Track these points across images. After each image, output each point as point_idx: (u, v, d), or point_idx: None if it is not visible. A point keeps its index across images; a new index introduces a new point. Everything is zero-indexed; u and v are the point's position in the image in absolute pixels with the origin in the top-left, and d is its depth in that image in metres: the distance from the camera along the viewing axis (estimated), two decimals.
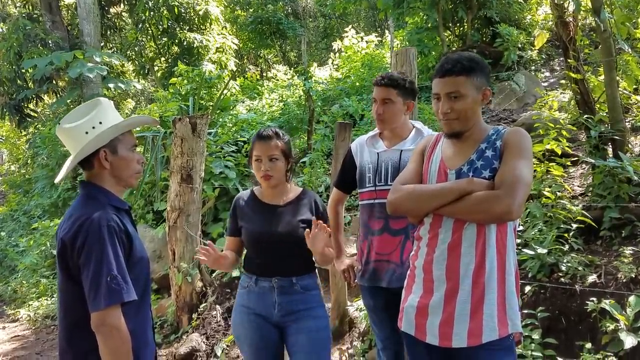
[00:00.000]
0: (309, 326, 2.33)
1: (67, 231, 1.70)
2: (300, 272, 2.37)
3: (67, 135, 1.81)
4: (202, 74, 8.69)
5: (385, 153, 2.59)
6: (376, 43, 12.33)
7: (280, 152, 2.35)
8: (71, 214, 1.76)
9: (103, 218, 1.71)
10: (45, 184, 9.94)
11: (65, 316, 1.77)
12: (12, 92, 12.54)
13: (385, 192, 2.31)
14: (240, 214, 2.44)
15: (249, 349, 2.37)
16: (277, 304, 2.33)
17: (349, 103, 8.57)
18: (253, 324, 2.35)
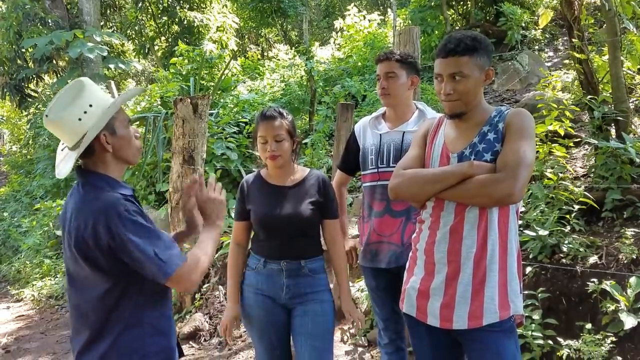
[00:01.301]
0: (315, 309, 2.34)
1: (84, 228, 1.62)
2: (309, 255, 2.37)
3: (58, 125, 1.66)
4: (203, 53, 8.63)
5: (387, 135, 2.58)
6: (378, 22, 12.21)
7: (286, 132, 2.33)
8: (79, 207, 1.67)
9: (117, 204, 1.64)
10: (47, 165, 9.92)
11: (97, 306, 1.68)
12: (13, 72, 12.49)
13: (387, 174, 2.33)
14: (247, 196, 2.42)
15: (257, 329, 2.39)
16: (286, 286, 2.34)
17: (351, 83, 8.52)
18: (261, 304, 2.36)
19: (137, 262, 1.63)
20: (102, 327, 1.69)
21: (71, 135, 1.67)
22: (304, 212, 2.32)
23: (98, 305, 1.68)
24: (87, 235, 1.61)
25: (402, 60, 2.55)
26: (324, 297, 2.38)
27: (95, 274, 1.66)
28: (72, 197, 1.74)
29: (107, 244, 1.61)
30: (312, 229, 2.38)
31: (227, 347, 4.26)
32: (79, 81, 1.73)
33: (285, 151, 2.33)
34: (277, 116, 2.34)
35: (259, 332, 2.39)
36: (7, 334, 5.27)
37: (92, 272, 1.66)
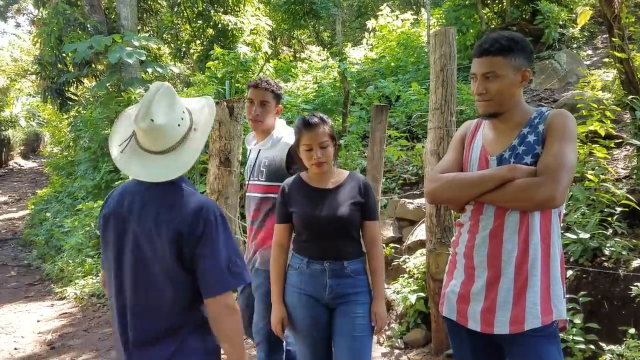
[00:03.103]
0: (356, 310, 2.36)
1: (185, 221, 1.66)
2: (351, 256, 2.39)
3: (163, 129, 1.70)
4: (238, 56, 8.73)
5: (254, 149, 2.95)
6: (412, 21, 12.12)
7: (329, 137, 2.38)
8: (179, 203, 1.70)
9: (214, 204, 1.74)
10: (88, 167, 10.19)
11: (174, 303, 1.72)
12: (54, 76, 12.86)
13: (250, 187, 2.88)
14: (289, 199, 2.46)
15: (300, 329, 2.42)
16: (329, 287, 2.36)
17: (384, 84, 8.48)
18: (304, 304, 2.39)
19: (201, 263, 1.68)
20: (174, 327, 1.72)
21: (170, 139, 1.72)
22: (345, 213, 2.35)
23: (174, 305, 1.72)
24: (185, 227, 1.66)
25: (274, 92, 2.82)
26: (365, 298, 2.40)
27: (180, 272, 1.69)
28: (148, 194, 1.74)
29: (197, 239, 1.67)
30: (354, 229, 2.40)
31: None
32: (169, 87, 1.77)
33: (330, 157, 2.39)
34: (320, 123, 2.37)
35: (301, 332, 2.42)
36: (52, 331, 5.43)
37: (177, 269, 1.69)
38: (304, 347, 2.44)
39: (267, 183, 2.78)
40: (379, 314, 2.40)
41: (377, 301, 2.41)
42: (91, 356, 4.63)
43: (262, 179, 2.79)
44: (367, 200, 2.41)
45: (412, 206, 5.01)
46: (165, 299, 1.71)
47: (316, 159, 2.35)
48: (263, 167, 2.79)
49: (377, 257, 2.45)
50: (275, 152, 2.78)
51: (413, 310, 3.90)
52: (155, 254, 1.69)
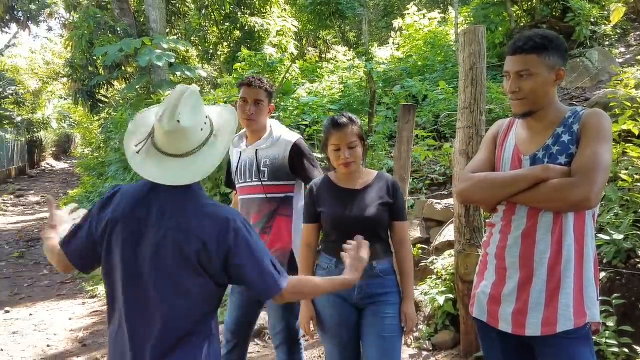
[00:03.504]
0: (385, 311, 2.34)
1: (207, 230, 1.64)
2: (380, 256, 2.37)
3: (188, 131, 1.66)
4: (265, 58, 8.79)
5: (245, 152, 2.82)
6: (439, 20, 12.02)
7: (358, 138, 2.36)
8: (204, 213, 1.68)
9: (238, 213, 1.74)
10: (119, 168, 10.37)
11: (190, 313, 1.70)
12: (85, 79, 13.18)
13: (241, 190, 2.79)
14: (318, 200, 2.46)
15: (328, 329, 2.42)
16: (357, 287, 2.33)
17: (411, 84, 8.43)
18: (333, 304, 2.39)
19: (248, 272, 1.68)
20: (184, 336, 1.70)
21: (192, 142, 1.68)
22: (374, 214, 2.34)
23: (188, 316, 1.69)
24: (210, 238, 1.64)
25: (267, 90, 2.73)
26: (395, 298, 2.38)
27: (197, 282, 1.66)
28: (168, 201, 1.69)
29: (226, 251, 1.65)
30: (383, 230, 2.39)
31: None
32: (195, 90, 1.73)
33: (358, 157, 2.37)
34: (348, 123, 2.36)
35: (330, 331, 2.42)
36: (83, 329, 5.54)
37: (197, 279, 1.66)
38: (332, 347, 2.44)
39: (270, 183, 2.71)
40: (408, 314, 2.37)
41: (406, 302, 2.39)
42: None
43: (263, 179, 2.71)
44: (396, 200, 2.40)
45: (440, 206, 4.96)
46: (181, 308, 1.68)
47: (344, 159, 2.34)
48: (264, 166, 2.71)
49: (406, 258, 2.44)
50: (277, 151, 2.72)
51: (441, 312, 3.86)
52: (175, 263, 1.65)
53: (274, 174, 2.70)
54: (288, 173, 2.71)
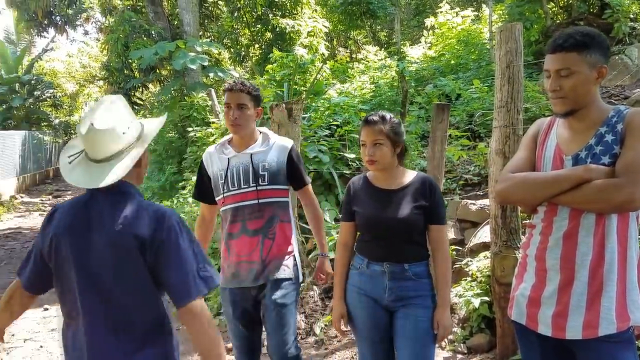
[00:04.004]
0: (417, 314, 2.31)
1: (145, 228, 1.66)
2: (413, 259, 2.33)
3: (105, 134, 1.69)
4: (296, 59, 8.81)
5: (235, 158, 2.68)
6: (472, 18, 11.86)
7: (385, 137, 2.31)
8: (137, 212, 1.70)
9: (174, 212, 1.74)
10: (154, 169, 10.58)
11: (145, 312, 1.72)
12: (120, 82, 13.46)
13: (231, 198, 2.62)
14: (353, 198, 2.45)
15: (359, 329, 2.41)
16: (388, 289, 2.32)
17: (444, 82, 8.33)
18: (364, 304, 2.38)
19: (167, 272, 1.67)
20: (146, 337, 1.72)
21: (111, 146, 1.71)
22: (408, 216, 2.29)
23: (143, 314, 1.71)
24: (147, 234, 1.66)
25: (250, 93, 2.62)
26: (428, 302, 2.33)
27: (144, 280, 1.69)
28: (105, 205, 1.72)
29: (157, 247, 1.66)
30: (417, 232, 2.34)
31: (324, 346, 4.32)
32: (119, 97, 1.80)
33: (382, 156, 2.32)
34: (377, 121, 2.34)
35: (361, 332, 2.41)
36: None
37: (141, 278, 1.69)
38: (364, 348, 2.43)
39: (267, 187, 2.62)
40: (441, 322, 2.30)
41: (440, 309, 2.32)
42: None
43: (262, 184, 2.61)
44: (433, 203, 2.34)
45: (474, 207, 4.88)
46: (134, 308, 1.70)
47: (368, 155, 2.33)
48: (263, 170, 2.62)
49: (442, 263, 2.36)
50: (275, 155, 2.66)
51: (476, 314, 3.80)
52: (119, 264, 1.67)
53: (274, 178, 2.64)
54: (285, 177, 2.68)
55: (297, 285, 2.70)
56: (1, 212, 14.57)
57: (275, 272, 2.60)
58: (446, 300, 2.33)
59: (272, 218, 2.63)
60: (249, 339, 2.70)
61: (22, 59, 22.17)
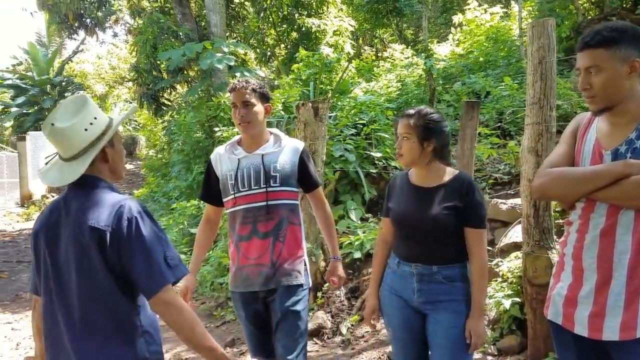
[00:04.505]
0: (447, 319, 2.22)
1: (104, 221, 1.66)
2: (444, 261, 2.24)
3: (65, 134, 1.71)
4: (322, 58, 8.81)
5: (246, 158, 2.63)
6: (501, 15, 11.69)
7: (413, 131, 2.24)
8: (98, 205, 1.71)
9: (136, 202, 1.74)
10: (181, 168, 10.71)
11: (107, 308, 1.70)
12: (149, 83, 13.65)
13: (243, 198, 2.56)
14: (390, 194, 2.41)
15: (393, 328, 2.39)
16: (417, 290, 2.27)
17: (473, 80, 8.22)
18: (395, 304, 2.35)
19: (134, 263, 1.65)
20: (110, 335, 1.70)
21: (75, 143, 1.73)
22: (437, 216, 2.21)
23: (106, 310, 1.69)
24: (104, 227, 1.65)
25: (255, 90, 2.57)
26: (461, 307, 2.23)
27: (104, 275, 1.67)
28: (74, 201, 1.75)
29: (118, 239, 1.65)
30: (449, 234, 2.24)
31: (351, 346, 4.30)
32: (82, 96, 1.81)
33: (408, 150, 2.26)
34: (409, 114, 2.28)
35: (393, 331, 2.39)
36: None
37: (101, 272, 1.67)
38: (396, 347, 2.41)
39: (278, 189, 2.56)
40: (474, 330, 2.19)
41: (472, 317, 2.21)
42: (185, 348, 4.83)
43: (274, 185, 2.55)
44: (468, 204, 2.22)
45: (505, 207, 4.80)
46: (96, 304, 1.69)
47: (397, 148, 2.30)
48: (275, 171, 2.56)
49: (476, 269, 2.24)
50: (287, 156, 2.61)
51: (507, 315, 3.73)
52: (81, 258, 1.68)
53: (285, 180, 2.58)
54: (296, 179, 2.63)
55: (307, 291, 2.66)
56: (33, 211, 14.96)
57: (286, 278, 2.55)
58: (480, 307, 2.22)
59: (282, 220, 2.57)
60: (264, 341, 2.64)
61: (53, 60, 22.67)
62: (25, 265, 9.01)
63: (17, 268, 8.99)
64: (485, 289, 2.26)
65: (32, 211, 14.97)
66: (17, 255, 9.98)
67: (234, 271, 2.64)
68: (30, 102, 21.48)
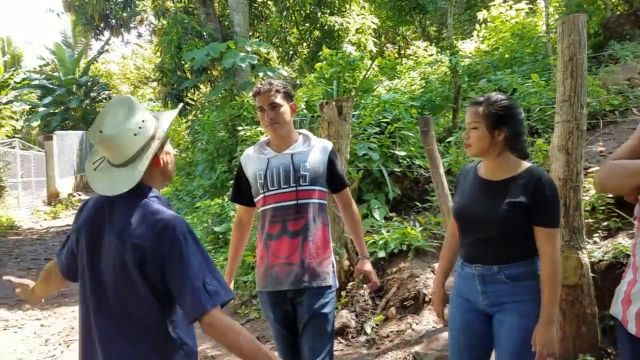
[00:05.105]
0: (512, 322, 2.10)
1: (145, 238, 1.63)
2: (505, 260, 2.11)
3: (114, 141, 1.66)
4: (346, 56, 8.79)
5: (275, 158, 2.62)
6: (527, 11, 11.51)
7: (482, 119, 2.10)
8: (143, 220, 1.66)
9: (182, 222, 1.67)
10: (205, 167, 10.81)
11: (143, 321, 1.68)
12: (173, 83, 13.78)
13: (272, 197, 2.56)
14: (457, 187, 2.32)
15: (452, 329, 2.32)
16: (481, 293, 2.17)
17: (499, 77, 8.10)
18: (460, 307, 2.27)
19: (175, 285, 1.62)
20: (145, 348, 1.68)
21: (125, 150, 1.67)
22: (499, 212, 2.07)
23: (141, 323, 1.67)
24: (148, 246, 1.62)
25: (279, 91, 2.55)
26: (528, 308, 2.09)
27: (142, 290, 1.64)
28: (120, 208, 1.71)
29: (161, 259, 1.61)
30: (510, 232, 2.09)
31: (375, 346, 4.28)
32: (128, 98, 1.75)
33: (476, 140, 2.12)
34: (478, 102, 2.16)
35: (452, 332, 2.33)
36: None
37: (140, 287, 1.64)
38: (452, 349, 2.34)
39: (307, 188, 2.54)
40: (539, 338, 2.03)
41: (540, 323, 2.05)
42: (210, 346, 4.87)
43: (303, 184, 2.53)
44: (536, 201, 2.06)
45: None
46: (132, 316, 1.67)
47: (464, 138, 2.18)
48: (304, 170, 2.54)
49: (546, 272, 2.07)
50: (316, 156, 2.59)
51: None
52: (120, 271, 1.65)
53: (314, 179, 2.56)
54: (325, 178, 2.61)
55: (335, 293, 2.64)
56: (59, 209, 15.26)
57: (315, 279, 2.53)
58: (548, 313, 2.05)
59: (311, 219, 2.54)
60: (292, 341, 2.61)
61: (78, 61, 23.09)
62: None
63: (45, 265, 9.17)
64: (556, 293, 2.08)
65: (59, 209, 15.26)
66: (45, 252, 10.19)
67: (263, 270, 2.61)
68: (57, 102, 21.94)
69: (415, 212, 6.15)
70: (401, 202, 6.51)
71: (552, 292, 2.05)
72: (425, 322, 4.25)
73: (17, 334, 5.63)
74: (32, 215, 14.64)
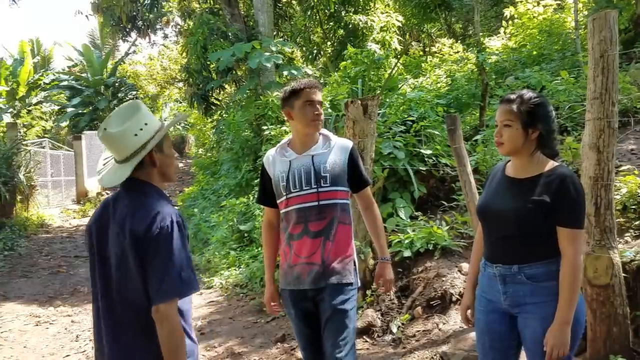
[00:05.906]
0: (534, 324, 2.08)
1: (140, 224, 1.78)
2: (526, 260, 2.08)
3: (116, 138, 1.85)
4: (371, 55, 8.77)
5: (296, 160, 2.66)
6: (555, 7, 11.31)
7: (515, 117, 2.07)
8: (139, 208, 1.83)
9: (173, 213, 1.83)
10: (231, 166, 10.90)
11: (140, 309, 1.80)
12: (199, 83, 13.93)
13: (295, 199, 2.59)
14: (485, 184, 2.32)
15: (477, 330, 2.32)
16: (503, 293, 2.15)
17: (527, 74, 7.99)
18: (483, 308, 2.26)
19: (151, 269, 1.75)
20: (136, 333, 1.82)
21: (125, 148, 1.86)
22: (519, 210, 2.05)
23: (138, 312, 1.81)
24: (141, 231, 1.76)
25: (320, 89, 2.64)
26: (547, 310, 2.05)
27: (139, 276, 1.79)
28: (122, 202, 1.89)
29: (148, 244, 1.76)
30: (530, 230, 2.06)
31: (402, 345, 4.27)
32: (135, 102, 1.94)
33: (509, 138, 2.09)
34: (511, 99, 2.12)
35: (477, 332, 2.33)
36: (201, 318, 5.86)
37: (139, 273, 1.78)
38: (479, 348, 2.34)
39: (328, 189, 2.56)
40: (549, 339, 2.00)
41: (553, 324, 2.02)
42: (236, 342, 4.92)
43: (324, 185, 2.55)
44: (559, 201, 2.02)
45: None
46: (133, 299, 1.81)
47: (497, 136, 2.16)
48: (325, 172, 2.56)
49: (564, 273, 2.02)
50: (337, 156, 2.62)
51: None
52: (121, 257, 1.81)
53: (335, 180, 2.58)
54: (346, 178, 2.62)
55: (356, 290, 2.65)
56: (88, 208, 15.57)
57: (335, 277, 2.55)
58: (563, 314, 2.00)
59: (333, 220, 2.56)
60: (314, 338, 2.62)
61: (106, 62, 23.49)
62: (82, 260, 9.39)
63: (75, 263, 9.39)
64: (574, 296, 2.02)
65: (88, 208, 15.56)
66: (74, 250, 10.42)
67: (285, 269, 2.66)
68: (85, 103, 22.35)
69: (442, 211, 6.10)
70: (427, 201, 6.47)
71: (569, 294, 2.00)
72: (452, 322, 4.22)
73: (48, 330, 5.78)
74: (62, 214, 14.97)
